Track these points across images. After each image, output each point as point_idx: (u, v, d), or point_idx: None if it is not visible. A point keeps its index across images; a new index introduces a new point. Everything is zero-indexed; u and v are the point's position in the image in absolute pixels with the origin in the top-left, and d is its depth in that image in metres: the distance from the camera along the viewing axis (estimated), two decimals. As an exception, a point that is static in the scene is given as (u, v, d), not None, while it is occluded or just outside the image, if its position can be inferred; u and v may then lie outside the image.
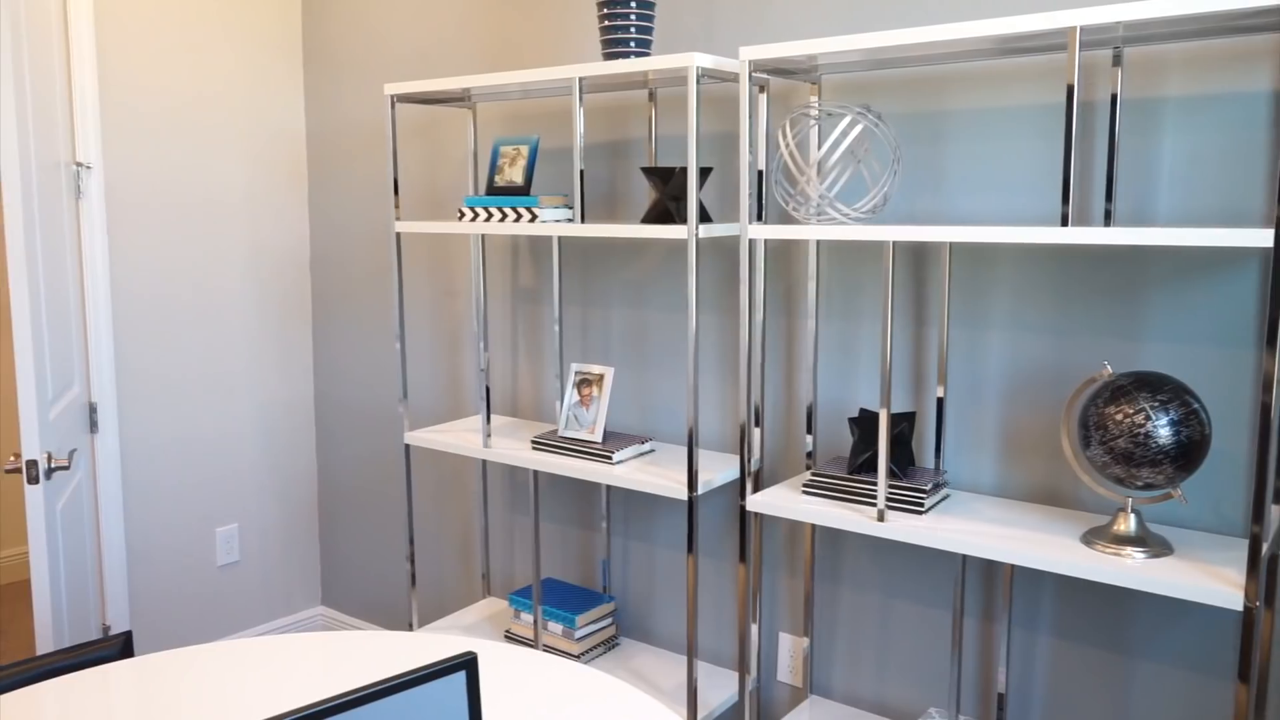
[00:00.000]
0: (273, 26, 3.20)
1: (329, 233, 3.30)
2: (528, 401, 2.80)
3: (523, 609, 2.56)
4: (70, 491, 2.49)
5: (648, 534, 2.57)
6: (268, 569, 3.34)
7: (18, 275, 2.10)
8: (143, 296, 2.95)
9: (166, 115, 2.96)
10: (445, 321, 2.99)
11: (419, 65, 2.95)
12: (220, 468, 3.18)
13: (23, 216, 2.09)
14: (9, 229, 2.09)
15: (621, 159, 2.52)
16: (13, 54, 2.06)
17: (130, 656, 1.82)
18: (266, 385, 3.28)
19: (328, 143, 3.26)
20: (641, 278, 2.51)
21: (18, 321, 2.12)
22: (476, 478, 2.95)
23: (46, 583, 2.19)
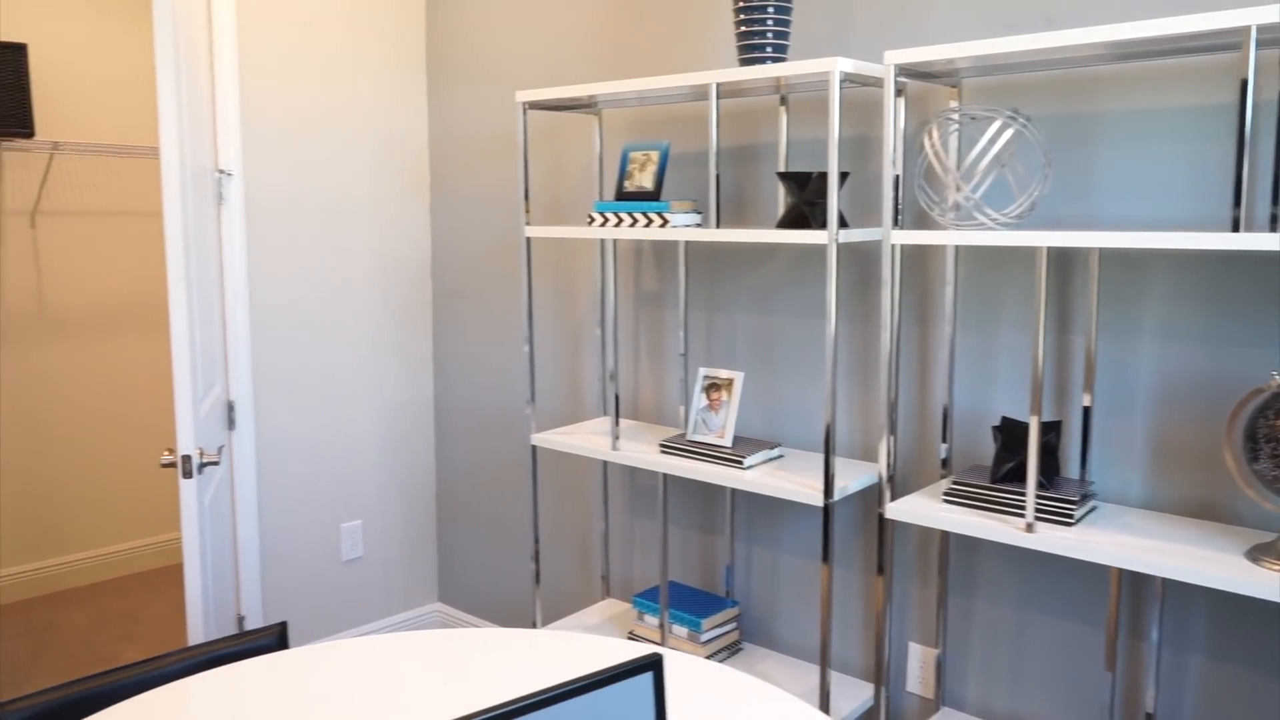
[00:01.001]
0: (398, 37, 3.28)
1: (449, 238, 3.37)
2: (649, 405, 2.82)
3: (647, 611, 2.58)
4: (214, 486, 2.59)
5: (772, 539, 2.56)
6: (389, 565, 3.42)
7: (176, 279, 2.20)
8: (276, 299, 3.05)
9: (299, 124, 3.06)
10: (566, 325, 3.02)
11: (540, 73, 3.00)
12: (346, 465, 3.27)
13: (181, 222, 2.19)
14: (168, 234, 2.18)
15: (749, 164, 2.52)
16: (174, 68, 2.16)
17: (286, 647, 1.89)
18: (389, 386, 3.37)
19: (449, 149, 3.33)
20: (769, 283, 2.50)
21: (175, 323, 2.21)
22: (597, 480, 2.98)
23: (198, 573, 2.28)
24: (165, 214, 2.16)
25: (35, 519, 3.96)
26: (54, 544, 4.02)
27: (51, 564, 4.01)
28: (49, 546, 4.01)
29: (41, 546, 3.99)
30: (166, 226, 2.16)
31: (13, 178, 3.81)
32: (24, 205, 3.85)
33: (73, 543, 4.07)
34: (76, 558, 4.08)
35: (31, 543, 3.96)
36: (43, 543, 3.99)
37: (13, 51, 3.55)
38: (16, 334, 3.86)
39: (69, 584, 4.06)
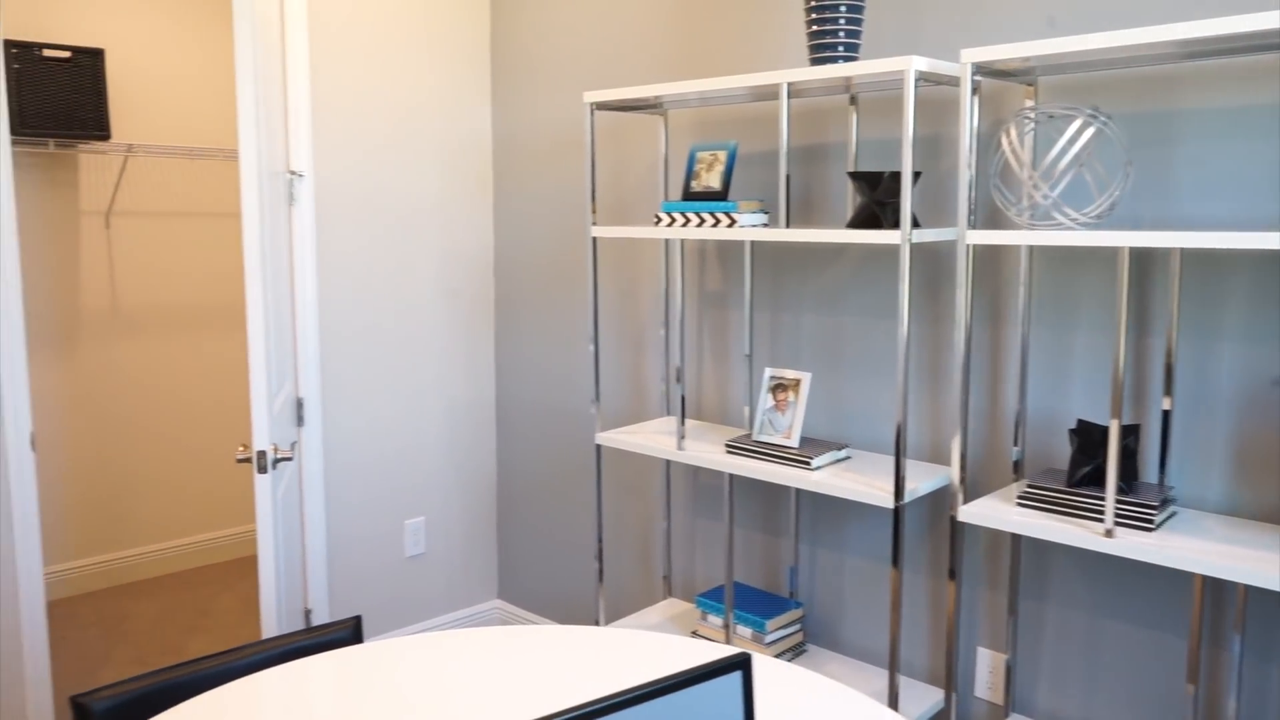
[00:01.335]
0: (463, 39, 3.31)
1: (512, 237, 3.40)
2: (712, 405, 2.81)
3: (710, 611, 2.58)
4: (285, 482, 2.64)
5: (837, 541, 2.55)
6: (450, 562, 3.46)
7: (253, 279, 2.24)
8: (343, 298, 3.10)
9: (366, 125, 3.11)
10: (628, 325, 3.03)
11: (604, 73, 3.01)
12: (409, 463, 3.31)
13: (259, 224, 2.23)
14: (246, 235, 2.23)
15: (815, 164, 2.51)
16: (253, 75, 2.20)
17: (360, 641, 1.92)
18: (452, 385, 3.40)
19: (512, 150, 3.36)
20: (836, 283, 2.49)
21: (251, 322, 2.26)
22: (659, 479, 2.98)
23: (271, 567, 2.33)
24: (244, 215, 2.20)
25: (108, 511, 4.07)
26: (125, 536, 4.12)
27: (123, 556, 4.11)
28: (121, 539, 4.11)
29: (113, 538, 4.09)
30: (245, 227, 2.20)
31: (89, 179, 3.91)
32: (99, 206, 3.95)
33: (143, 535, 4.17)
34: (147, 550, 4.18)
35: (104, 535, 4.06)
36: (115, 535, 4.09)
37: (91, 56, 3.64)
38: (91, 331, 3.96)
39: (139, 575, 4.16)
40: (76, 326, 3.93)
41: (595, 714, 1.02)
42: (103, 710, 1.62)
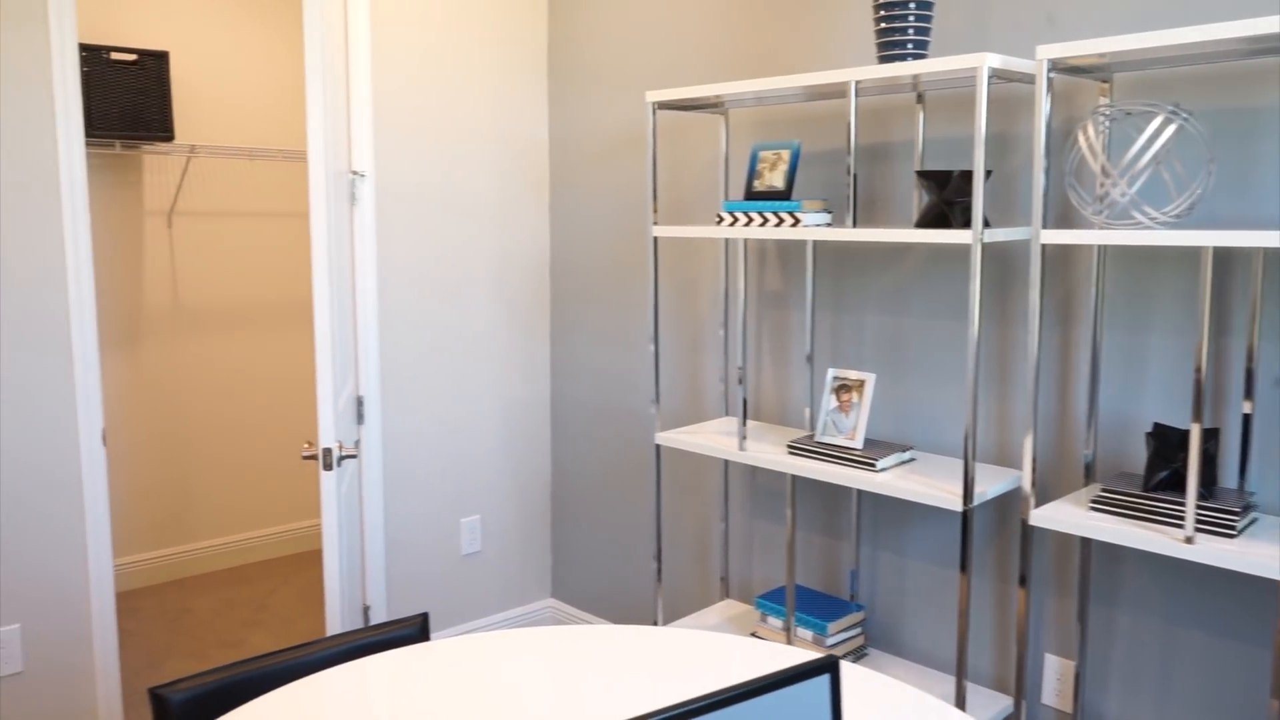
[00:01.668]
0: (521, 40, 3.33)
1: (568, 237, 3.40)
2: (771, 405, 2.80)
3: (770, 613, 2.56)
4: (348, 479, 2.67)
5: (899, 544, 2.52)
6: (504, 560, 3.47)
7: (320, 278, 2.27)
8: (402, 297, 3.13)
9: (425, 126, 3.13)
10: (685, 325, 3.02)
11: (661, 73, 3.01)
12: (465, 461, 3.33)
13: (326, 224, 2.25)
14: (314, 236, 2.25)
15: (879, 162, 2.48)
16: (322, 80, 2.22)
17: (427, 637, 1.93)
18: (507, 384, 3.42)
19: (569, 150, 3.36)
20: (899, 283, 2.46)
21: (318, 321, 2.28)
22: (715, 480, 2.97)
23: (336, 563, 2.35)
24: (312, 216, 2.22)
25: (168, 507, 4.14)
26: (185, 531, 4.19)
27: (182, 550, 4.18)
28: (180, 533, 4.18)
29: (173, 533, 4.16)
30: (313, 228, 2.23)
31: (152, 179, 3.98)
32: (162, 206, 4.02)
33: (202, 530, 4.23)
34: (205, 545, 4.24)
35: (165, 529, 4.13)
36: (174, 530, 4.16)
37: (156, 59, 3.70)
38: (154, 329, 4.03)
39: (198, 570, 4.23)
40: (139, 324, 4.00)
41: (686, 715, 1.01)
42: (180, 702, 1.64)
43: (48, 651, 2.53)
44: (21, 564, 2.47)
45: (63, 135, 2.44)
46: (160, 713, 1.63)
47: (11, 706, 2.49)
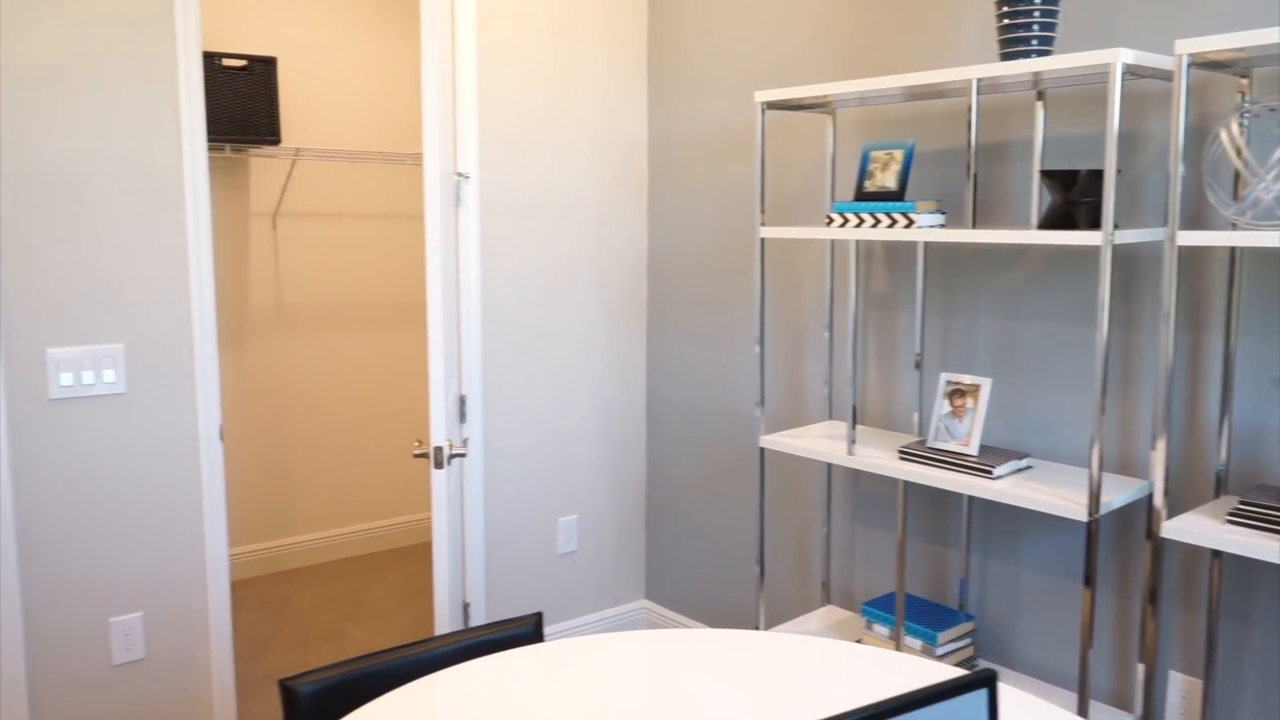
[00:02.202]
0: (621, 42, 3.33)
1: (666, 238, 3.40)
2: (875, 409, 2.75)
3: (876, 620, 2.52)
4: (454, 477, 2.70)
5: (1011, 553, 2.46)
6: (600, 560, 3.48)
7: (433, 279, 2.30)
8: (502, 298, 3.16)
9: (527, 128, 3.15)
10: (787, 327, 2.99)
11: (766, 73, 2.98)
12: (562, 461, 3.35)
13: (440, 224, 2.28)
14: (428, 238, 2.28)
15: (994, 162, 2.42)
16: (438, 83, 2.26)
17: (541, 636, 1.94)
18: (604, 384, 3.43)
19: (669, 150, 3.36)
20: (1015, 286, 2.40)
21: (432, 321, 2.31)
22: (816, 484, 2.94)
23: (445, 561, 2.38)
24: (426, 219, 2.25)
25: (269, 501, 4.24)
26: (286, 525, 4.29)
27: (283, 543, 4.29)
28: (281, 527, 4.28)
29: (275, 526, 4.27)
30: (427, 230, 2.26)
31: (258, 182, 4.09)
32: (267, 208, 4.12)
33: (301, 525, 4.34)
34: (303, 539, 4.34)
35: (266, 523, 4.24)
36: (276, 523, 4.27)
37: (264, 64, 3.80)
38: (258, 328, 4.14)
39: (297, 563, 4.33)
40: (245, 323, 4.11)
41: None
42: (308, 694, 1.68)
43: (167, 639, 2.61)
44: (144, 555, 2.55)
45: (186, 140, 2.52)
46: (289, 703, 1.67)
47: (134, 692, 2.58)
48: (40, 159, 2.34)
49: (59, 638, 2.46)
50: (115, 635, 2.53)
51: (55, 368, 2.38)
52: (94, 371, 2.44)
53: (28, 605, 2.41)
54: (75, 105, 2.38)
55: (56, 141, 2.36)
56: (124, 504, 2.52)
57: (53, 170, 2.36)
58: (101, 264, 2.44)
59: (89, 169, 2.40)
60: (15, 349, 2.34)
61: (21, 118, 2.31)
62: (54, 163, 2.36)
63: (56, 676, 2.46)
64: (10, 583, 2.37)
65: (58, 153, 2.36)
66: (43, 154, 2.35)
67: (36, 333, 2.36)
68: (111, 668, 2.54)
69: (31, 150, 2.33)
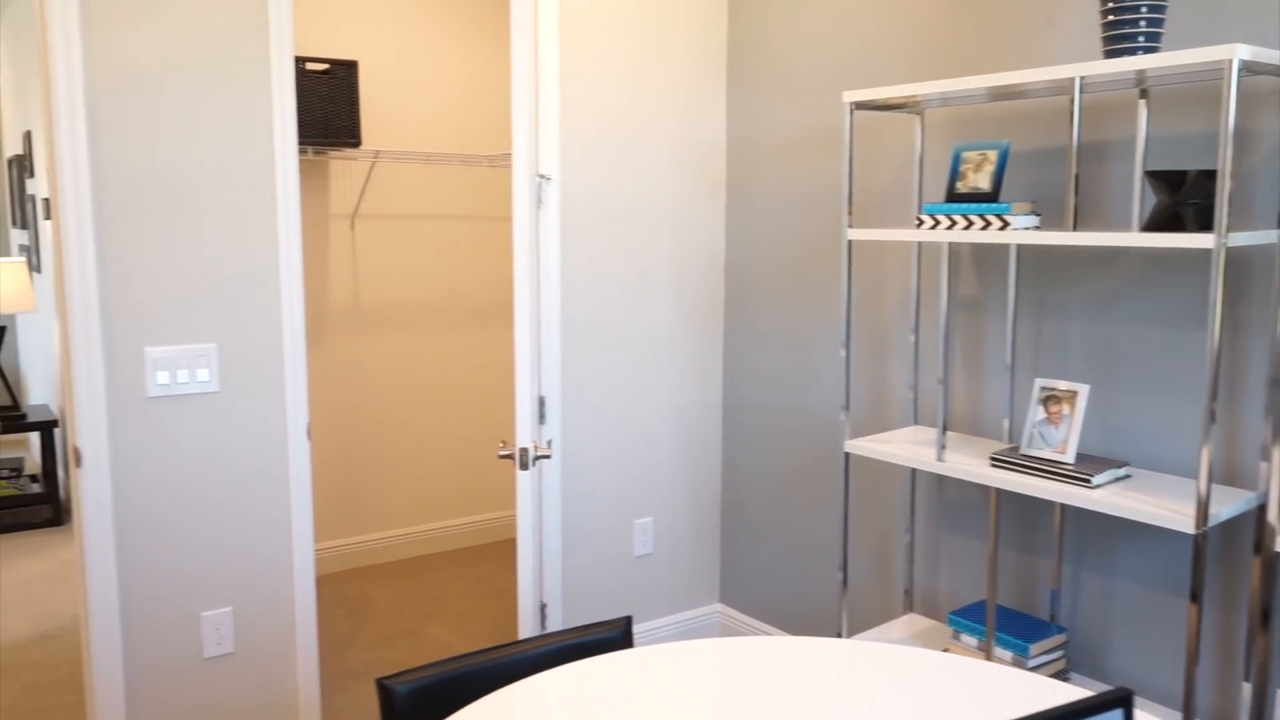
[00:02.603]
0: (702, 43, 3.32)
1: (744, 240, 3.37)
2: (962, 415, 2.70)
3: (963, 630, 2.47)
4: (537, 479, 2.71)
5: (1105, 564, 2.39)
6: (675, 563, 3.47)
7: (521, 280, 2.31)
8: (581, 299, 3.16)
9: (606, 129, 3.15)
10: (869, 330, 2.95)
11: (850, 73, 2.94)
12: (639, 463, 3.34)
13: (528, 225, 2.29)
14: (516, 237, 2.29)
15: (1090, 162, 2.36)
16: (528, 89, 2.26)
17: (630, 640, 1.93)
18: (680, 386, 3.41)
19: (748, 151, 3.33)
20: (1112, 289, 2.34)
21: (519, 322, 2.32)
22: (898, 490, 2.89)
23: (530, 561, 2.39)
24: (515, 220, 2.26)
25: (347, 499, 4.31)
26: (362, 522, 4.35)
27: (359, 540, 4.35)
28: (357, 524, 4.34)
29: (351, 523, 4.33)
30: (515, 232, 2.27)
31: (338, 184, 4.16)
32: (346, 209, 4.18)
33: (377, 522, 4.39)
34: (379, 536, 4.40)
35: (343, 520, 4.31)
36: (352, 520, 4.33)
37: (346, 68, 3.86)
38: (337, 327, 4.21)
39: (373, 560, 4.39)
40: (324, 323, 4.17)
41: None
42: (405, 693, 1.69)
43: (255, 634, 2.66)
44: (234, 550, 2.60)
45: (279, 144, 2.56)
46: (387, 702, 1.68)
47: (224, 685, 2.63)
48: (140, 164, 2.40)
49: (153, 630, 2.52)
50: (206, 629, 2.58)
51: (153, 366, 2.44)
52: (188, 370, 2.49)
53: (124, 598, 2.47)
54: (174, 111, 2.43)
55: (156, 146, 2.42)
56: (216, 501, 2.57)
57: (152, 175, 2.42)
58: (197, 265, 2.49)
59: (186, 173, 2.46)
60: (116, 348, 2.40)
61: (123, 124, 2.37)
62: (154, 167, 2.42)
63: (150, 668, 2.52)
64: (109, 575, 2.43)
65: (157, 157, 2.42)
66: (143, 159, 2.40)
67: (136, 332, 2.42)
68: (202, 660, 2.59)
69: (132, 155, 2.39)
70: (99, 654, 2.43)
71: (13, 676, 3.31)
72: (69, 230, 2.30)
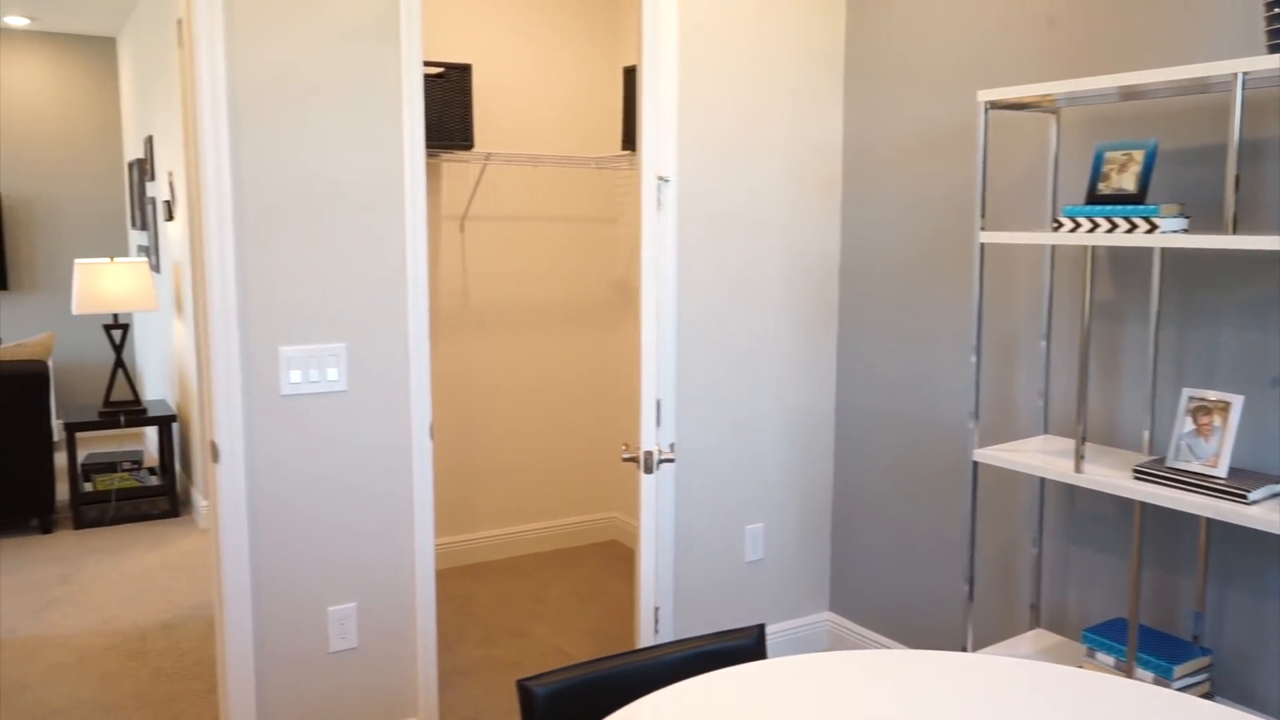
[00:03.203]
0: (819, 42, 3.27)
1: (861, 242, 3.31)
2: (1099, 425, 2.60)
3: (1100, 648, 2.38)
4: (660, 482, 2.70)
5: (1257, 584, 2.28)
6: (785, 570, 3.43)
7: (649, 284, 2.30)
8: (697, 301, 3.14)
9: (721, 131, 3.13)
10: (995, 335, 2.87)
11: (979, 71, 2.86)
12: (751, 467, 3.31)
13: (654, 228, 2.28)
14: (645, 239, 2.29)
15: (1242, 162, 2.25)
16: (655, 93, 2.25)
17: (763, 648, 1.91)
18: (792, 390, 3.37)
19: (866, 152, 3.27)
20: (1266, 295, 2.22)
21: (645, 325, 2.31)
22: (1026, 501, 2.80)
23: (653, 564, 2.37)
24: (644, 222, 2.26)
25: (454, 496, 4.36)
26: (468, 520, 4.41)
27: (465, 538, 4.40)
28: (464, 522, 4.40)
29: (458, 521, 4.38)
30: (644, 233, 2.26)
31: (449, 186, 4.21)
32: (456, 211, 4.24)
33: (483, 521, 4.44)
34: (485, 535, 4.45)
35: (450, 518, 4.36)
36: (459, 518, 4.38)
37: (460, 72, 3.91)
38: (446, 328, 4.26)
39: (478, 558, 4.44)
40: (434, 324, 4.23)
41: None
42: (545, 695, 1.69)
43: (378, 629, 2.70)
44: (359, 547, 2.65)
45: (408, 147, 2.59)
46: (527, 703, 1.69)
47: (348, 678, 2.68)
48: (277, 168, 2.46)
49: (282, 623, 2.58)
50: (332, 623, 2.63)
51: (286, 365, 2.50)
52: (319, 369, 2.54)
53: (256, 591, 2.53)
54: (309, 116, 2.48)
55: (291, 151, 2.47)
56: (342, 498, 2.62)
57: (287, 179, 2.47)
58: (328, 268, 2.54)
59: (320, 177, 2.51)
60: (253, 346, 2.46)
61: (261, 130, 2.43)
62: (289, 171, 2.47)
63: (279, 659, 2.58)
64: (242, 568, 2.49)
65: (292, 162, 2.47)
66: (280, 163, 2.46)
67: (271, 331, 2.48)
68: (327, 654, 2.64)
69: (271, 159, 2.45)
70: (232, 644, 2.50)
71: (141, 663, 3.43)
72: (211, 233, 2.37)
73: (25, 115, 6.88)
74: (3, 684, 3.28)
